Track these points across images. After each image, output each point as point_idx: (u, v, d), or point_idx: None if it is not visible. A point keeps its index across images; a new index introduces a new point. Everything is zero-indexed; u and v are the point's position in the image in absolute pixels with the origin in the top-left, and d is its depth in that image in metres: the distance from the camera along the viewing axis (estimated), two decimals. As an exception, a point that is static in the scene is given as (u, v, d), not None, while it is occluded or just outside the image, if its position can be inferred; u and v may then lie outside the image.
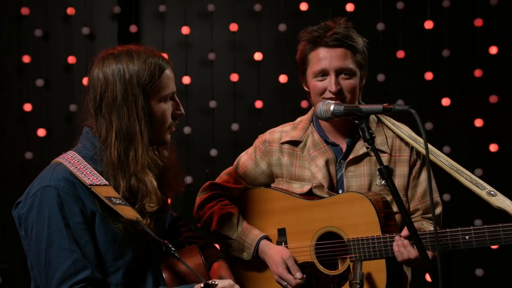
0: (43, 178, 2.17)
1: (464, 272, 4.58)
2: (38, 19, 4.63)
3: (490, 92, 4.52)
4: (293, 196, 2.75)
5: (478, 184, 2.51)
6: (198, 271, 2.33)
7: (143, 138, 2.19)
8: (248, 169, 2.88)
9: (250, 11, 4.68)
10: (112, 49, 2.27)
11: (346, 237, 2.60)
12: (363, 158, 2.69)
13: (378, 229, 2.53)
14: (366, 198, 2.55)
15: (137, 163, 2.19)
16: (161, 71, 2.24)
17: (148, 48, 2.30)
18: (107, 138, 2.19)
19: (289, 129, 2.86)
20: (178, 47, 4.71)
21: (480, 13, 4.51)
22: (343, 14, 4.43)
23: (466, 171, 2.56)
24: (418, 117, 2.14)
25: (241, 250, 2.75)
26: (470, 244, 2.39)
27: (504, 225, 2.35)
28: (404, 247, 2.46)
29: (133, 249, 2.23)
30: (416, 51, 4.61)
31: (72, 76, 4.66)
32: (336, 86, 2.62)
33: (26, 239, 2.18)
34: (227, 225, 2.77)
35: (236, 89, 4.69)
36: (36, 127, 4.61)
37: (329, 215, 2.64)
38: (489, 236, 2.36)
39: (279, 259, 2.67)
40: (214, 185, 2.90)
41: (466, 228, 2.39)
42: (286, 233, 2.75)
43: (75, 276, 2.10)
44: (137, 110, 2.19)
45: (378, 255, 2.53)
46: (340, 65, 2.63)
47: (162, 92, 2.24)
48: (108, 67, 2.21)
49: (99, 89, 2.21)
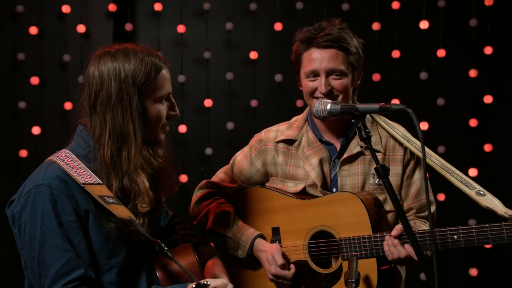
0: (37, 177, 2.16)
1: (458, 272, 4.59)
2: (33, 16, 4.62)
3: (485, 92, 4.54)
4: (287, 196, 2.77)
5: (468, 184, 2.54)
6: (192, 270, 2.33)
7: (137, 138, 2.19)
8: (244, 167, 2.89)
9: (245, 10, 4.68)
10: (109, 47, 2.26)
11: (338, 236, 2.62)
12: (357, 157, 2.71)
13: (369, 228, 2.55)
14: (357, 198, 2.57)
15: (130, 163, 2.18)
16: (157, 71, 2.23)
17: (145, 47, 2.29)
18: (101, 136, 2.19)
19: (284, 128, 2.87)
20: (174, 45, 4.71)
21: (475, 14, 4.52)
22: (339, 13, 4.44)
23: (457, 171, 2.58)
24: (415, 117, 2.15)
25: (236, 248, 2.76)
26: (459, 244, 2.42)
27: (492, 225, 2.38)
28: (394, 247, 2.48)
29: (126, 248, 2.23)
30: (411, 51, 4.61)
31: (67, 74, 4.65)
32: (326, 87, 2.64)
33: (19, 237, 2.18)
34: (223, 223, 2.78)
35: (232, 88, 4.69)
36: (31, 125, 4.60)
37: (322, 215, 2.66)
38: (477, 236, 2.39)
39: (271, 257, 2.68)
40: (210, 184, 2.92)
41: (455, 228, 2.42)
42: (280, 232, 2.76)
43: (68, 275, 2.10)
44: (131, 110, 2.18)
45: (370, 254, 2.55)
46: (330, 66, 2.64)
47: (158, 93, 2.23)
48: (104, 66, 2.20)
49: (94, 87, 2.20)
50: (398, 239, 2.49)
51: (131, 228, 2.17)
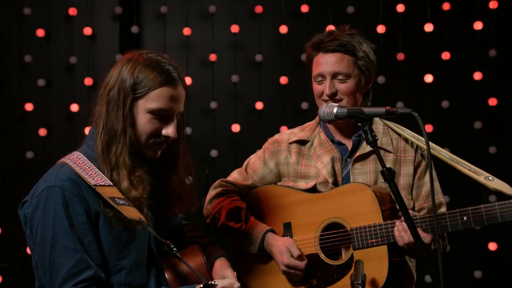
0: (49, 178, 2.19)
1: (463, 274, 4.60)
2: (40, 19, 4.65)
3: (490, 95, 4.55)
4: (298, 191, 2.81)
5: (477, 172, 2.62)
6: (200, 271, 2.35)
7: (126, 139, 2.21)
8: (257, 168, 2.95)
9: (251, 12, 4.70)
10: (138, 54, 2.29)
11: (349, 226, 2.65)
12: (369, 156, 2.76)
13: (379, 216, 2.59)
14: (367, 187, 2.62)
15: (117, 159, 2.21)
16: (160, 83, 2.23)
17: (173, 62, 2.29)
18: (97, 127, 2.25)
19: (297, 131, 2.95)
20: (179, 48, 4.73)
21: (480, 16, 4.54)
22: (344, 16, 4.46)
23: (465, 162, 2.66)
24: (421, 120, 2.18)
25: (248, 243, 2.80)
26: (468, 224, 2.47)
27: (500, 203, 2.43)
28: (405, 231, 2.51)
29: (136, 249, 2.25)
30: (416, 54, 4.63)
31: (73, 76, 4.68)
32: (330, 89, 2.71)
33: (31, 238, 2.20)
34: (235, 218, 2.82)
35: (237, 90, 4.72)
36: (37, 126, 4.63)
37: (333, 206, 2.70)
38: (486, 214, 2.44)
39: (284, 249, 2.72)
40: (225, 182, 2.97)
41: (464, 209, 2.47)
42: (292, 227, 2.80)
43: (78, 275, 2.12)
44: (123, 109, 2.21)
45: (380, 242, 2.58)
46: (335, 70, 2.72)
47: (150, 104, 2.22)
48: (120, 65, 2.27)
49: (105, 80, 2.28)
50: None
51: (141, 230, 2.20)
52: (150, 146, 2.27)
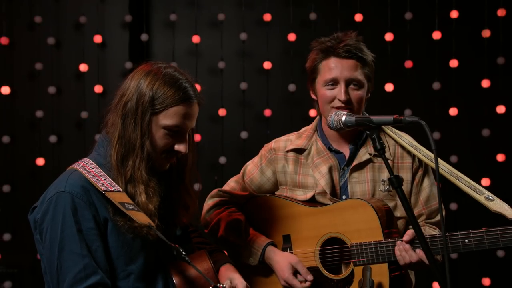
0: (59, 184, 2.22)
1: (470, 281, 4.59)
2: (50, 27, 4.69)
3: (498, 102, 4.55)
4: (297, 203, 2.80)
5: (477, 190, 2.58)
6: (208, 275, 2.36)
7: (143, 153, 2.24)
8: (254, 176, 2.93)
9: (259, 20, 4.73)
10: (157, 67, 2.30)
11: (350, 242, 2.65)
12: (366, 164, 2.75)
13: (380, 234, 2.60)
14: (368, 204, 2.62)
15: (134, 173, 2.24)
16: (176, 102, 2.26)
17: (187, 78, 2.33)
18: (112, 138, 2.26)
19: (294, 138, 2.91)
20: (188, 55, 4.76)
21: (488, 24, 4.54)
22: (352, 24, 4.48)
23: (465, 178, 2.62)
24: (428, 129, 2.17)
25: (248, 255, 2.80)
26: (470, 247, 2.46)
27: (502, 228, 2.42)
28: (406, 251, 2.53)
29: (144, 254, 2.27)
30: (424, 61, 4.64)
31: (83, 84, 4.71)
32: (346, 95, 2.68)
33: (40, 242, 2.23)
34: (234, 232, 2.82)
35: (245, 98, 4.74)
36: (48, 133, 4.66)
37: (333, 221, 2.70)
38: (488, 239, 2.43)
39: (286, 265, 2.72)
40: (222, 192, 2.96)
41: (465, 232, 2.47)
42: (291, 240, 2.80)
43: (85, 280, 2.15)
44: (142, 124, 2.23)
45: (381, 259, 2.59)
46: (350, 76, 2.69)
47: (165, 120, 2.25)
48: (139, 76, 2.28)
49: (122, 91, 2.29)
50: (410, 244, 2.53)
51: (149, 235, 2.22)
52: (161, 160, 2.31)
